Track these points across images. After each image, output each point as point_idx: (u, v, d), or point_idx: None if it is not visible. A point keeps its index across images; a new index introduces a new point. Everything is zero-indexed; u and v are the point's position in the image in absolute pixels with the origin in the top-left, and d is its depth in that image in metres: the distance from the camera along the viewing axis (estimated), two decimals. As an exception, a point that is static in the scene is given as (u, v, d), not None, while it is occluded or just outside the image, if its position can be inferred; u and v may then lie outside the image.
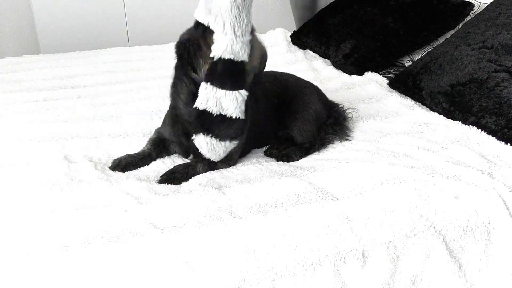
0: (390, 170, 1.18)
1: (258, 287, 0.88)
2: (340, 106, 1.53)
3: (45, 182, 1.16)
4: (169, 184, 1.18)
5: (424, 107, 1.60)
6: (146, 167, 1.29)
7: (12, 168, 1.24)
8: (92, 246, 0.92)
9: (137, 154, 1.30)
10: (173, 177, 1.20)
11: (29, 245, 0.93)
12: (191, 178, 1.21)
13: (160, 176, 1.21)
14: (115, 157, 1.30)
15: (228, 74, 1.12)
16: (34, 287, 0.86)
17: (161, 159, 1.33)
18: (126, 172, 1.24)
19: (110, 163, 1.28)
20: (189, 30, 1.21)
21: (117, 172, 1.24)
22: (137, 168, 1.27)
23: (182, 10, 3.04)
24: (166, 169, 1.26)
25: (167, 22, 3.04)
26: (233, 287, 0.86)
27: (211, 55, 1.11)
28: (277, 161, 1.31)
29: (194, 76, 1.17)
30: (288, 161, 1.30)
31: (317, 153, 1.36)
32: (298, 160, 1.31)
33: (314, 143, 1.38)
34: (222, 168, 1.25)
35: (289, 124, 1.39)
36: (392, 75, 1.86)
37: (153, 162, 1.31)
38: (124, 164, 1.26)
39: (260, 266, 0.89)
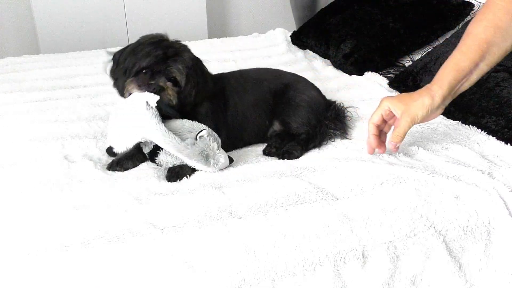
0: (390, 170, 1.18)
1: (258, 287, 0.88)
2: (339, 102, 1.52)
3: (45, 182, 1.16)
4: (176, 181, 1.18)
5: (424, 107, 1.60)
6: (145, 165, 1.28)
7: (12, 168, 1.24)
8: (92, 246, 0.92)
9: (127, 151, 1.28)
10: (176, 173, 1.20)
11: (29, 245, 0.93)
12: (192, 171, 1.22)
13: (166, 175, 1.21)
14: (115, 158, 1.31)
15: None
16: (34, 287, 0.86)
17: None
18: (126, 172, 1.24)
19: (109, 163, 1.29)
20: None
21: (116, 171, 1.24)
22: (135, 164, 1.27)
23: (182, 10, 3.04)
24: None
25: (167, 22, 3.04)
26: (233, 287, 0.86)
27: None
28: (279, 159, 1.30)
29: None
30: (289, 158, 1.30)
31: (317, 150, 1.35)
32: (299, 155, 1.31)
33: (313, 136, 1.37)
34: None
35: (283, 110, 1.39)
36: (392, 75, 1.86)
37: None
38: (117, 161, 1.26)
39: (260, 266, 0.89)
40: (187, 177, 1.19)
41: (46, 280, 0.86)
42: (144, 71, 1.23)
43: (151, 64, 1.21)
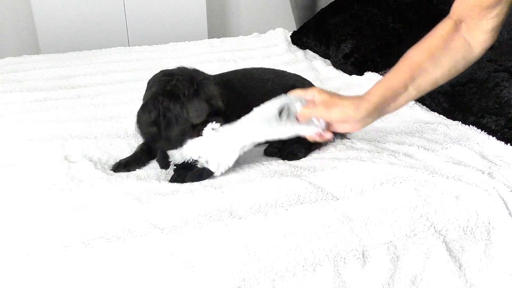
0: (390, 170, 1.17)
1: (258, 287, 0.88)
2: None
3: (45, 182, 1.16)
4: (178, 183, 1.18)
5: (424, 107, 1.60)
6: (146, 166, 1.28)
7: (12, 168, 1.24)
8: (92, 246, 0.92)
9: (133, 154, 1.30)
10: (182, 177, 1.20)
11: (29, 245, 0.93)
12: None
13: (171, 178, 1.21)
14: (115, 157, 1.31)
15: None
16: (34, 287, 0.86)
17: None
18: (126, 172, 1.24)
19: (110, 163, 1.29)
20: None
21: (118, 172, 1.24)
22: (140, 167, 1.27)
23: (182, 10, 3.04)
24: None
25: (167, 22, 3.04)
26: (233, 287, 0.86)
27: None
28: (282, 159, 1.30)
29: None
30: (294, 159, 1.29)
31: (317, 150, 1.35)
32: (303, 157, 1.31)
33: None
34: None
35: None
36: (392, 75, 1.86)
37: (152, 160, 1.31)
38: (125, 163, 1.26)
39: (260, 266, 0.89)
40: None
41: (46, 280, 0.86)
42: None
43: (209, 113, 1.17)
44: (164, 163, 1.24)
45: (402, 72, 1.07)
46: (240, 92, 1.39)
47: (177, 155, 1.18)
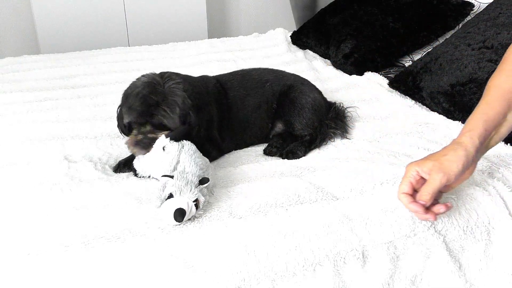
0: (390, 170, 1.17)
1: (258, 287, 0.88)
2: (339, 102, 1.53)
3: (45, 182, 1.16)
4: None
5: (424, 107, 1.60)
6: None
7: (12, 168, 1.24)
8: (92, 246, 0.92)
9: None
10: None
11: (29, 245, 0.93)
12: None
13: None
14: (115, 157, 1.31)
15: None
16: (34, 287, 0.86)
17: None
18: (126, 172, 1.24)
19: (110, 163, 1.28)
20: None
21: (119, 172, 1.24)
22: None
23: (182, 10, 3.05)
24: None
25: (167, 22, 3.04)
26: (233, 287, 0.86)
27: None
28: (282, 159, 1.30)
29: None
30: (293, 158, 1.30)
31: (317, 150, 1.36)
32: (303, 155, 1.31)
33: (316, 136, 1.37)
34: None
35: (287, 111, 1.39)
36: (392, 75, 1.86)
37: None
38: (124, 162, 1.26)
39: (260, 266, 0.89)
40: None
41: (46, 280, 0.86)
42: (134, 126, 1.19)
43: (135, 118, 1.17)
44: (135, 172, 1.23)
45: (497, 101, 1.01)
46: (238, 93, 1.40)
47: (138, 168, 1.20)
